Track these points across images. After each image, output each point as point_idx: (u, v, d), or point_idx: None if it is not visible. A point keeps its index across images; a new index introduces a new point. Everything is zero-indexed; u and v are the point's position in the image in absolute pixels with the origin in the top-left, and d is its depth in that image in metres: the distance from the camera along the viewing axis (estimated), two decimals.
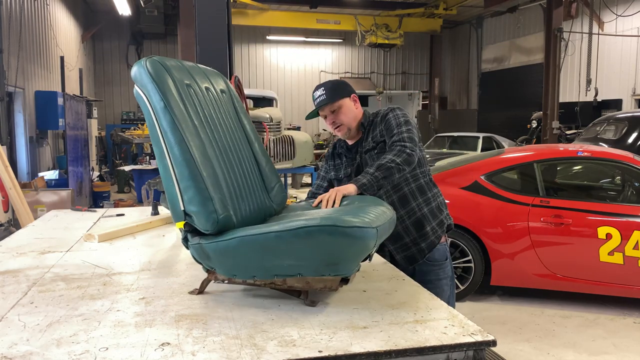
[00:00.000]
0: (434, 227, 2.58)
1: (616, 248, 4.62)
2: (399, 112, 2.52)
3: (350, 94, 2.57)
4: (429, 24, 17.65)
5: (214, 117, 2.00)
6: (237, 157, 2.04)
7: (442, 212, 2.65)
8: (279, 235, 1.64)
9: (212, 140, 1.91)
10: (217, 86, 2.15)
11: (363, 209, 1.82)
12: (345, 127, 2.54)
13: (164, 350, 1.44)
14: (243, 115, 2.24)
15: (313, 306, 1.77)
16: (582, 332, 4.46)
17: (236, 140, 2.10)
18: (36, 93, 10.43)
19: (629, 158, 5.14)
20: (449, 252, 2.69)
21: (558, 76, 12.59)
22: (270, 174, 2.20)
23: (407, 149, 2.32)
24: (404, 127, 2.42)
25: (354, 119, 2.57)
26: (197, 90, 1.96)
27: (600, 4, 13.21)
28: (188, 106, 1.85)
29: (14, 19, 9.15)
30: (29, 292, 1.94)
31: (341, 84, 2.62)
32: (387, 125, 2.49)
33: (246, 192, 2.01)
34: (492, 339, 1.52)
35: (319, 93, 2.54)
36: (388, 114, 2.52)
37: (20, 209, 5.61)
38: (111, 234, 2.80)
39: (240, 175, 2.01)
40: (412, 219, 2.55)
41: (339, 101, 2.52)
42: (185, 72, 1.96)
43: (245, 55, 19.37)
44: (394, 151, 2.32)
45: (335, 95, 2.52)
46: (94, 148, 13.72)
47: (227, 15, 3.68)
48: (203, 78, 2.08)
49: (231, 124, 2.12)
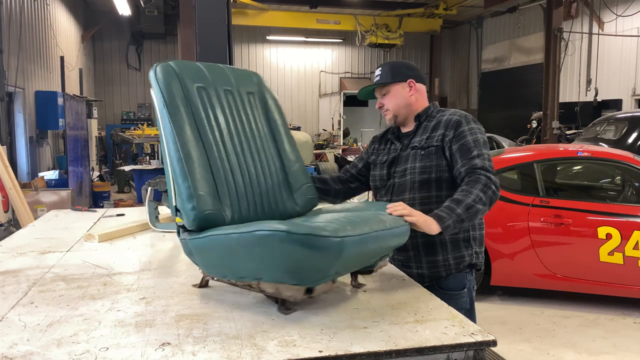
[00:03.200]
0: (448, 260, 2.26)
1: (616, 248, 4.62)
2: (475, 127, 2.21)
3: (406, 79, 2.35)
4: (429, 24, 17.65)
5: (228, 118, 2.04)
6: (251, 157, 2.04)
7: (468, 247, 2.29)
8: (237, 237, 1.65)
9: (218, 140, 1.95)
10: (243, 88, 2.14)
11: (348, 217, 1.81)
12: (391, 113, 2.35)
13: (165, 350, 1.44)
14: (277, 114, 2.18)
15: (286, 314, 1.70)
16: (582, 332, 4.47)
17: (255, 139, 2.08)
18: (36, 93, 10.43)
19: (629, 158, 5.14)
20: (470, 282, 2.33)
21: (558, 76, 12.59)
22: (298, 174, 2.12)
23: (493, 184, 2.05)
24: (484, 151, 2.13)
25: (404, 107, 2.34)
26: (212, 93, 2.02)
27: (600, 4, 13.20)
28: (193, 108, 1.93)
29: (14, 19, 9.15)
30: (29, 292, 1.94)
31: (402, 66, 2.40)
32: (460, 138, 2.18)
33: (254, 192, 1.99)
34: (492, 339, 1.52)
35: (377, 72, 2.40)
36: (462, 125, 2.21)
37: (20, 209, 5.61)
38: (111, 234, 2.80)
39: (251, 174, 2.01)
40: (425, 240, 2.23)
41: (389, 85, 2.34)
42: (202, 75, 2.02)
43: (245, 55, 19.37)
44: (479, 184, 2.03)
45: (389, 77, 2.34)
46: (94, 148, 13.72)
47: (227, 15, 3.68)
48: (226, 81, 2.10)
49: (251, 124, 2.11)
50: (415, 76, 2.38)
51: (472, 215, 2.01)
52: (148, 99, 18.74)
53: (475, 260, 2.32)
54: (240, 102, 2.11)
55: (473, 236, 2.31)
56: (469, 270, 2.33)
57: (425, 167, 2.23)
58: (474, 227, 2.31)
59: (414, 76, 2.37)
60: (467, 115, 2.29)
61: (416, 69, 2.43)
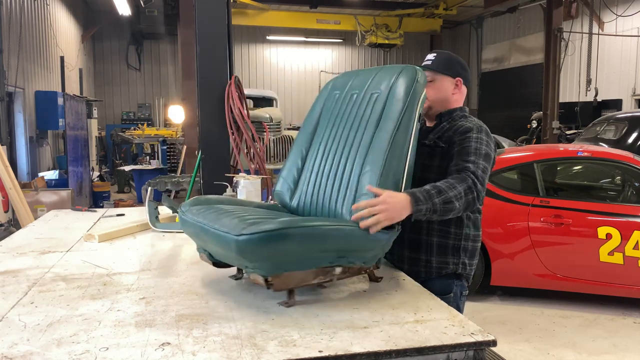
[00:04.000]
0: (430, 262, 2.21)
1: (616, 248, 4.62)
2: (483, 138, 2.14)
3: (456, 75, 2.29)
4: (429, 24, 17.64)
5: (342, 118, 2.20)
6: (339, 155, 2.12)
7: (456, 255, 2.22)
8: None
9: (328, 136, 2.21)
10: (371, 89, 2.15)
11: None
12: (428, 103, 2.25)
13: (165, 350, 1.44)
14: (391, 119, 2.01)
15: (286, 306, 1.77)
16: (582, 332, 4.47)
17: (351, 140, 2.10)
18: (36, 93, 10.43)
19: (629, 158, 5.14)
20: (459, 288, 2.26)
21: (558, 76, 12.58)
22: (368, 182, 1.94)
23: (476, 192, 1.99)
24: (482, 162, 2.07)
25: (441, 102, 2.28)
26: (341, 97, 2.27)
27: (600, 4, 13.20)
28: (324, 110, 2.31)
29: (14, 19, 9.15)
30: (29, 292, 1.94)
31: (457, 62, 2.33)
32: (464, 142, 2.13)
33: (322, 187, 2.13)
34: (492, 339, 1.52)
35: (429, 57, 2.33)
36: (471, 132, 2.15)
37: (20, 209, 5.61)
38: (111, 234, 2.80)
39: (328, 171, 2.13)
40: (412, 236, 2.22)
41: (437, 75, 2.27)
42: (344, 81, 2.31)
43: (245, 55, 19.36)
44: (465, 184, 1.97)
45: (440, 67, 2.28)
46: (94, 148, 13.72)
47: (227, 15, 3.68)
48: (361, 82, 2.21)
49: (357, 125, 2.12)
50: (465, 77, 2.33)
51: (445, 211, 1.93)
52: (148, 99, 18.76)
53: (462, 271, 2.23)
54: (362, 102, 2.16)
55: (464, 246, 2.23)
56: (457, 279, 2.25)
57: (426, 166, 2.20)
58: (468, 237, 2.23)
59: (464, 77, 2.32)
60: (482, 126, 2.21)
61: (469, 70, 2.37)
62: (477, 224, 2.27)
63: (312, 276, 1.80)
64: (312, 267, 1.79)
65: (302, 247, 1.73)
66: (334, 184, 2.08)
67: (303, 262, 1.77)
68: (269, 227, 1.66)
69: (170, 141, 11.39)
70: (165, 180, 6.59)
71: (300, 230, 1.72)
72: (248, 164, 3.79)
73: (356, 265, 1.89)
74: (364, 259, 1.90)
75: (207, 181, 3.60)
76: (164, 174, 9.02)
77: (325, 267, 1.81)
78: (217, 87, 3.63)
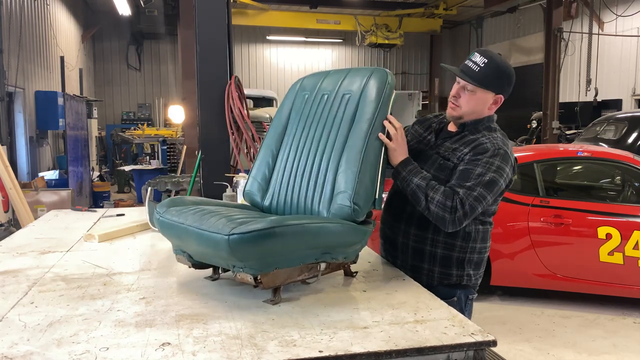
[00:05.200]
0: (432, 272, 2.17)
1: (616, 248, 4.62)
2: (496, 163, 2.03)
3: (499, 92, 2.14)
4: (428, 24, 17.65)
5: (314, 118, 2.22)
6: (313, 155, 2.13)
7: (460, 267, 2.16)
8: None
9: (300, 136, 2.21)
10: (342, 90, 2.17)
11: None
12: (460, 113, 2.14)
13: (165, 350, 1.44)
14: (365, 120, 2.05)
15: (272, 303, 1.79)
16: (582, 332, 4.47)
17: (324, 140, 2.12)
18: (36, 93, 10.43)
19: (629, 158, 5.14)
20: (462, 294, 2.19)
21: (558, 76, 12.58)
22: (345, 180, 1.97)
23: (456, 216, 1.95)
24: (479, 189, 1.98)
25: (475, 114, 2.15)
26: (311, 97, 2.28)
27: (600, 4, 13.20)
28: (293, 111, 2.31)
29: (14, 19, 9.15)
30: (29, 292, 1.94)
31: (505, 75, 2.13)
32: (472, 164, 2.04)
33: (297, 186, 2.13)
34: (492, 339, 1.52)
35: (477, 60, 2.10)
36: (484, 153, 2.04)
37: (20, 209, 5.61)
38: (111, 234, 2.80)
39: (302, 170, 2.14)
40: (417, 245, 2.19)
41: (479, 88, 2.11)
42: (313, 82, 2.32)
43: (245, 55, 19.36)
44: (446, 201, 1.96)
45: (486, 81, 2.09)
46: (94, 148, 13.72)
47: (227, 15, 3.67)
48: (332, 84, 2.24)
49: (330, 125, 2.14)
50: (507, 93, 2.18)
51: (414, 197, 2.04)
52: (148, 99, 18.76)
53: (467, 282, 2.19)
54: (333, 103, 2.18)
55: (469, 259, 2.18)
56: (461, 289, 2.19)
57: (436, 178, 2.09)
58: (474, 250, 2.17)
59: (506, 92, 2.17)
60: (501, 148, 2.06)
61: (513, 83, 2.18)
62: (485, 236, 2.21)
63: (297, 273, 1.85)
64: (299, 263, 1.83)
65: (292, 245, 1.77)
66: (309, 183, 2.10)
67: (292, 259, 1.81)
68: (261, 225, 1.68)
69: (170, 141, 11.40)
70: (165, 180, 6.58)
71: (290, 229, 1.75)
72: (248, 164, 3.79)
73: (338, 261, 1.96)
74: (345, 254, 1.97)
75: (207, 181, 3.60)
76: (164, 174, 9.02)
77: (310, 264, 1.86)
78: (217, 87, 3.63)
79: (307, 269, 1.88)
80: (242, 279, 1.79)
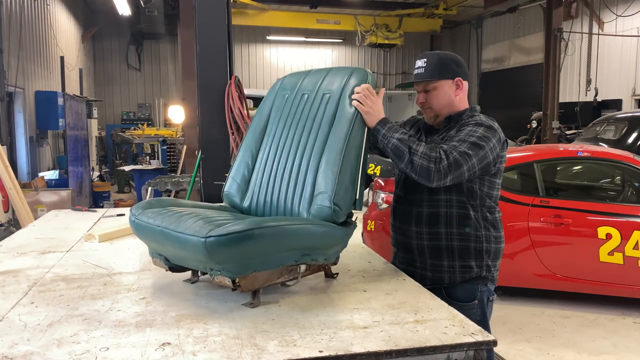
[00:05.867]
0: (454, 267, 2.17)
1: (616, 248, 4.62)
2: (479, 130, 2.06)
3: (455, 76, 2.17)
4: (429, 24, 17.64)
5: (294, 118, 2.19)
6: (293, 155, 2.11)
7: (478, 258, 2.18)
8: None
9: (280, 136, 2.19)
10: (322, 90, 2.17)
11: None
12: (434, 112, 2.20)
13: (165, 350, 1.44)
14: (345, 120, 2.04)
15: (251, 307, 1.77)
16: (582, 332, 4.47)
17: (304, 140, 2.11)
18: (36, 93, 10.43)
19: (629, 158, 5.14)
20: (483, 293, 2.21)
21: (558, 76, 12.58)
22: (325, 180, 1.96)
23: (440, 165, 1.94)
24: (463, 146, 1.99)
25: (447, 106, 2.19)
26: (291, 97, 2.26)
27: (600, 4, 13.19)
28: (273, 110, 2.29)
29: (14, 19, 9.15)
30: (29, 292, 1.94)
31: (450, 61, 2.19)
32: (457, 135, 2.09)
33: (277, 187, 2.11)
34: (493, 339, 1.52)
35: (419, 64, 2.19)
36: (472, 124, 2.11)
37: (20, 209, 5.61)
38: (111, 234, 2.80)
39: (282, 171, 2.11)
40: (432, 243, 2.18)
41: (435, 82, 2.16)
42: (293, 81, 2.30)
43: (245, 55, 19.35)
44: (431, 152, 1.96)
45: (435, 72, 2.16)
46: (94, 148, 13.72)
47: (227, 15, 3.68)
48: (312, 83, 2.22)
49: (310, 125, 2.12)
50: (463, 73, 2.21)
51: (397, 152, 2.00)
52: (148, 99, 18.76)
53: (486, 274, 2.20)
54: (313, 103, 2.16)
55: (487, 248, 2.20)
56: (482, 283, 2.21)
57: None
58: (489, 239, 2.20)
59: (462, 73, 2.20)
60: (485, 122, 2.12)
61: (464, 64, 2.23)
62: (496, 224, 2.24)
63: (277, 275, 1.83)
64: (279, 266, 1.80)
65: (271, 247, 1.75)
66: (289, 183, 2.08)
67: (271, 261, 1.78)
68: (238, 227, 1.65)
69: (170, 141, 11.39)
70: (165, 180, 6.59)
71: (269, 230, 1.72)
72: None
73: (319, 262, 1.94)
74: (326, 256, 1.95)
75: (207, 181, 3.60)
76: (164, 174, 9.01)
77: (290, 266, 1.84)
78: (217, 87, 3.64)
79: (287, 271, 1.85)
80: (220, 282, 1.76)
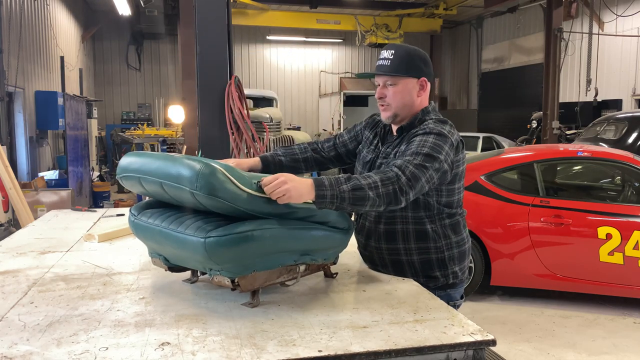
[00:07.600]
0: (418, 281, 2.04)
1: (616, 248, 4.62)
2: (430, 140, 1.91)
3: (420, 75, 2.05)
4: (429, 24, 17.65)
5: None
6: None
7: (444, 268, 2.08)
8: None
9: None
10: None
11: None
12: (392, 110, 2.05)
13: (164, 350, 1.44)
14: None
15: (250, 307, 1.76)
16: (582, 332, 4.47)
17: None
18: (36, 93, 10.43)
19: (629, 158, 5.14)
20: (453, 298, 2.13)
21: (558, 76, 12.59)
22: None
23: (399, 185, 1.78)
24: (419, 159, 1.85)
25: (407, 107, 2.05)
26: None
27: (600, 4, 13.20)
28: None
29: (14, 19, 9.15)
30: (29, 292, 1.94)
31: (418, 58, 2.06)
32: (411, 143, 1.94)
33: None
34: (492, 339, 1.52)
35: (385, 55, 2.04)
36: (421, 133, 1.96)
37: (20, 209, 5.61)
38: (111, 234, 2.80)
39: None
40: (393, 258, 2.11)
41: (399, 78, 2.02)
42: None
43: (245, 55, 19.37)
44: (384, 175, 1.79)
45: (401, 68, 2.02)
46: (94, 148, 13.72)
47: (227, 15, 3.68)
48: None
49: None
50: (429, 74, 2.09)
51: (357, 199, 1.72)
52: (148, 99, 18.77)
53: (454, 280, 2.11)
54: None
55: (449, 256, 2.08)
56: (451, 289, 2.13)
57: None
58: (450, 246, 2.08)
59: (428, 74, 2.07)
60: (434, 129, 1.96)
61: (431, 64, 2.12)
62: (457, 228, 2.12)
63: (276, 275, 1.82)
64: (278, 266, 1.80)
65: (271, 248, 1.74)
66: None
67: (271, 261, 1.78)
68: (239, 229, 1.65)
69: (170, 141, 11.40)
70: None
71: (269, 232, 1.70)
72: None
73: (318, 262, 1.94)
74: (325, 256, 1.96)
75: None
76: None
77: (289, 266, 1.84)
78: (217, 87, 3.64)
79: (286, 271, 1.84)
80: (219, 282, 1.75)
